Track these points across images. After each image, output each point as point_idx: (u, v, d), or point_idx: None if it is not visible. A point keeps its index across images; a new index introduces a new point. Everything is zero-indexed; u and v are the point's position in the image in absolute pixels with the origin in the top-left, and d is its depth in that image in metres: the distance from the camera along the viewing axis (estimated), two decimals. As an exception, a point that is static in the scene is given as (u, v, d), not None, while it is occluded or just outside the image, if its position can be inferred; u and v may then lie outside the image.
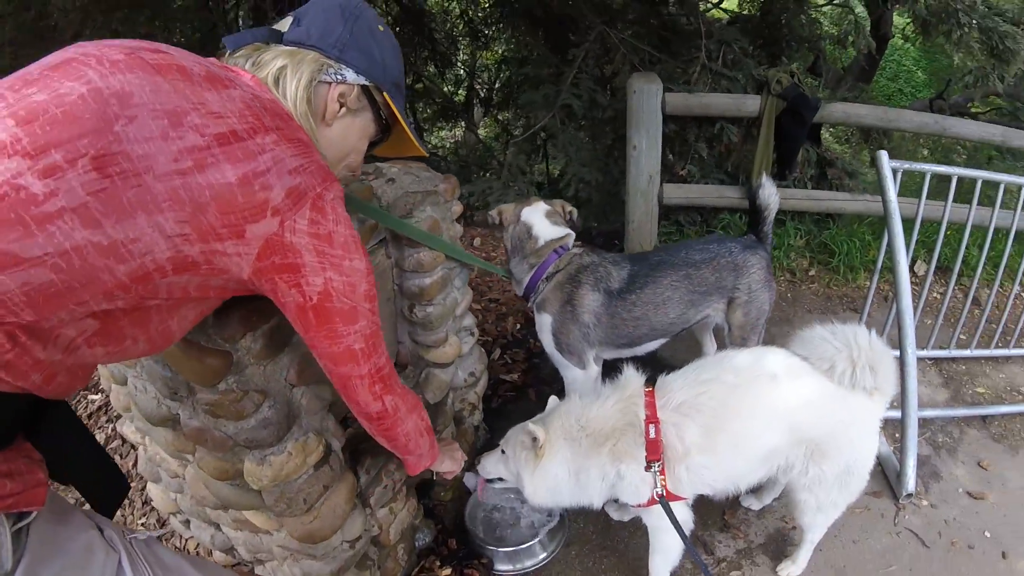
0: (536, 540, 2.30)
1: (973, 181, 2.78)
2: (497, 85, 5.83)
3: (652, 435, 1.77)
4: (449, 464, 2.00)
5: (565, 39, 4.39)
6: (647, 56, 3.99)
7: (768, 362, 1.84)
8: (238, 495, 1.73)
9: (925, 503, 2.41)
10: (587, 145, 4.14)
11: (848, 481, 1.86)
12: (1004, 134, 3.35)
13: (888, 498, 2.38)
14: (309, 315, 1.16)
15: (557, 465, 1.85)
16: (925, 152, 5.78)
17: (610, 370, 2.08)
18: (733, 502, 2.42)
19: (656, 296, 2.26)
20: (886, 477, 2.42)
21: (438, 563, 2.29)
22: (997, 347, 3.08)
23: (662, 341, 2.44)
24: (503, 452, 2.00)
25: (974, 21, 3.02)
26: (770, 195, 2.39)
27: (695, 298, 2.29)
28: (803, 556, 2.15)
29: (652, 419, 1.79)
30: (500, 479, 2.06)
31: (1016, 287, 3.04)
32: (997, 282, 3.00)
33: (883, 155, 2.66)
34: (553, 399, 2.09)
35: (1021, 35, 3.08)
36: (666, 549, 1.99)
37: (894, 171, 2.66)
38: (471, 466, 2.29)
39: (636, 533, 2.35)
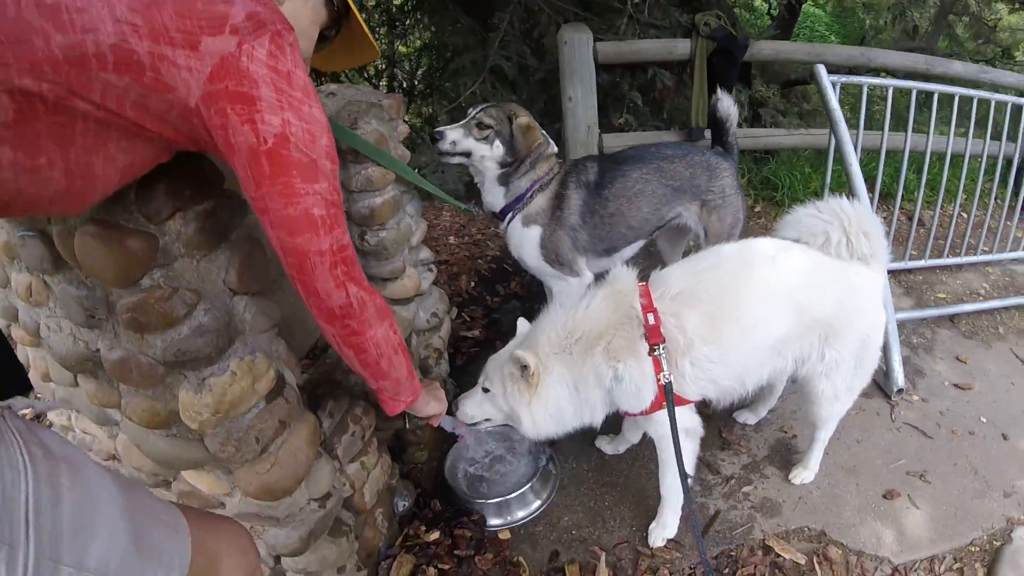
0: (527, 487, 2.06)
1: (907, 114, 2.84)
2: (419, 73, 5.67)
3: (652, 322, 1.60)
4: (435, 406, 1.74)
5: (488, 11, 4.31)
6: (572, 15, 3.96)
7: (761, 246, 1.77)
8: (177, 449, 1.38)
9: (916, 398, 2.42)
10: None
11: (863, 359, 1.79)
12: (928, 62, 3.54)
13: (880, 398, 2.37)
14: (262, 162, 1.02)
15: (555, 386, 1.64)
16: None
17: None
18: (728, 419, 2.32)
19: (628, 189, 2.16)
20: (874, 381, 2.36)
21: (423, 528, 2.00)
22: (949, 257, 3.19)
23: (639, 245, 2.32)
24: (485, 391, 1.75)
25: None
26: (728, 106, 2.39)
27: (668, 193, 2.20)
28: (815, 458, 2.05)
29: (649, 308, 1.63)
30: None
31: (956, 207, 3.17)
32: (939, 203, 3.11)
33: (821, 68, 2.74)
34: (522, 322, 1.88)
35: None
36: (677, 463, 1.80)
37: (832, 84, 2.72)
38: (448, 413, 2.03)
39: (634, 464, 2.18)
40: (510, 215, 2.20)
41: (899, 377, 2.38)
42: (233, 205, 1.29)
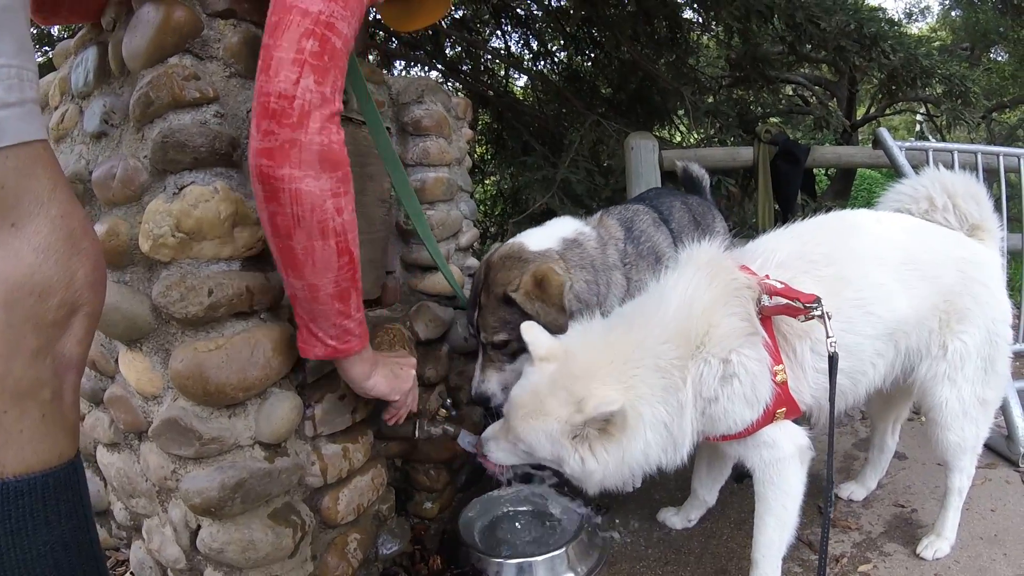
0: (560, 551, 1.50)
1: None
2: (494, 216, 6.00)
3: (777, 285, 1.21)
4: (383, 383, 1.23)
5: (559, 138, 4.65)
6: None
7: (862, 212, 1.52)
8: (121, 297, 1.10)
9: (1046, 466, 1.97)
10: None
11: (993, 360, 1.40)
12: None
13: (1004, 467, 1.99)
14: None
15: (646, 434, 1.17)
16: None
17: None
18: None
19: (685, 220, 1.92)
20: (992, 450, 2.03)
21: (411, 584, 1.43)
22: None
23: None
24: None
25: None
26: (699, 169, 2.40)
27: (697, 228, 1.95)
28: (950, 523, 1.52)
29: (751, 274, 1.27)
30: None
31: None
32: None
33: (883, 131, 2.67)
34: (532, 329, 1.31)
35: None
36: (786, 500, 1.27)
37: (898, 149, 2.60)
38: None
39: (710, 542, 1.64)
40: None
41: (1024, 436, 1.93)
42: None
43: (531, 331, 1.31)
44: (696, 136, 4.03)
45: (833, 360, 1.14)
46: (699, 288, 1.23)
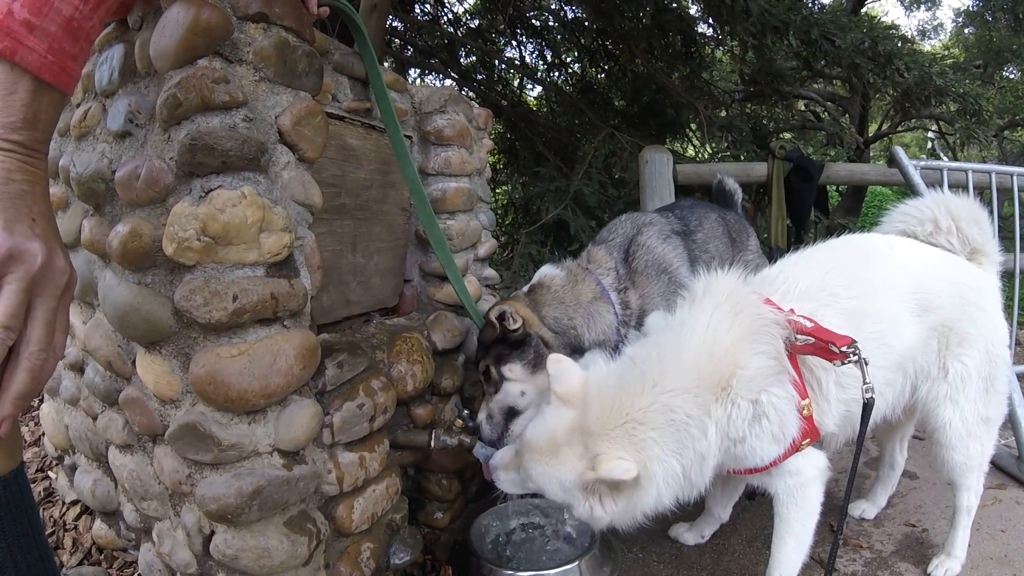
0: (572, 566, 1.48)
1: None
2: (505, 225, 5.99)
3: (807, 323, 1.19)
4: None
5: (572, 151, 4.65)
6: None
7: (871, 237, 1.55)
8: (142, 299, 1.11)
9: (1057, 486, 2.01)
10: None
11: (993, 379, 1.43)
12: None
13: (1015, 488, 2.01)
14: None
15: (659, 487, 1.15)
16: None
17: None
18: (838, 513, 1.72)
19: (715, 230, 1.92)
20: (1003, 471, 2.07)
21: (423, 595, 1.42)
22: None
23: None
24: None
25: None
26: (733, 183, 2.30)
27: (731, 241, 1.96)
28: (960, 542, 1.54)
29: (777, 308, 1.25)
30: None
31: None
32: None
33: (899, 150, 2.65)
34: (558, 362, 1.24)
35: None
36: (806, 519, 1.27)
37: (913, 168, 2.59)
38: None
39: (721, 558, 1.62)
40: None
41: (1033, 459, 1.98)
42: (314, 61, 1.19)
43: (559, 364, 1.23)
44: (709, 150, 4.03)
45: (868, 406, 1.13)
46: (720, 327, 1.18)
